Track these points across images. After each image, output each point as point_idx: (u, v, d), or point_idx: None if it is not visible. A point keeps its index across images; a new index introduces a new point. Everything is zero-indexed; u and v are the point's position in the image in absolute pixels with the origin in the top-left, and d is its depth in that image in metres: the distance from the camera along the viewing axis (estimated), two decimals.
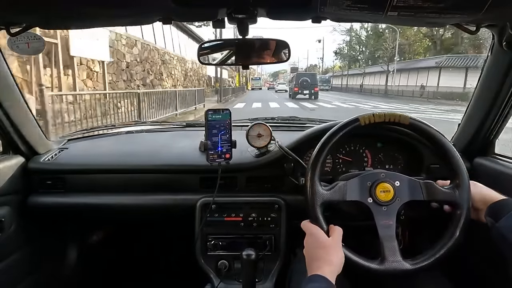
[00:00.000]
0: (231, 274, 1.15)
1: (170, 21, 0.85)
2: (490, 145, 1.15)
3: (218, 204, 1.14)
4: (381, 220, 0.82)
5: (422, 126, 0.88)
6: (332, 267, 0.72)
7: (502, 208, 0.75)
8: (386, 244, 0.81)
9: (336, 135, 0.87)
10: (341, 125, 0.88)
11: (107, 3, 0.73)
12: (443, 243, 0.81)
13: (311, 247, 0.78)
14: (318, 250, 0.76)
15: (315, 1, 0.72)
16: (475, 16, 0.75)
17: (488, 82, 1.05)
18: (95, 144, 1.43)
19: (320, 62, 55.34)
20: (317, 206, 0.82)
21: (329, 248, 0.76)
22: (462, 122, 1.20)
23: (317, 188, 0.84)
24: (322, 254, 0.75)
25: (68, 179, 1.21)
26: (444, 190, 0.84)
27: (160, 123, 1.76)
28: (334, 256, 0.74)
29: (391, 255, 0.80)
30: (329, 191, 0.84)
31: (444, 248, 0.80)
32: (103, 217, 1.36)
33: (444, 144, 0.86)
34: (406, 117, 0.87)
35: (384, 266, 0.79)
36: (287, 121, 1.65)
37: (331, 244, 0.77)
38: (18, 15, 0.82)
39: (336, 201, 0.85)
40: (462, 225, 0.80)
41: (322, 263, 0.72)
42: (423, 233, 1.19)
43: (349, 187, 0.85)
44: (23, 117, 1.14)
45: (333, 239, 0.78)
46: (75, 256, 1.51)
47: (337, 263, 0.74)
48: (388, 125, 0.88)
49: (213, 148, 1.07)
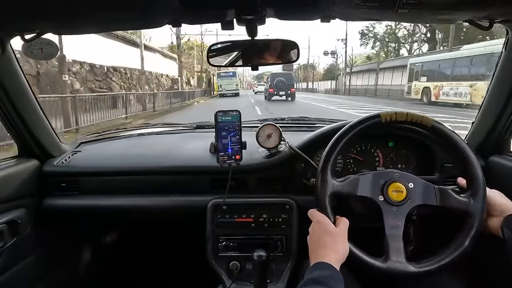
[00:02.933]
0: (242, 275, 1.15)
1: (179, 24, 0.86)
2: (506, 143, 1.12)
3: (229, 205, 1.14)
4: (390, 220, 0.81)
5: (444, 130, 0.85)
6: (337, 255, 0.71)
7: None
8: (391, 244, 0.79)
9: (355, 128, 0.86)
10: (361, 119, 0.87)
11: (116, 7, 0.74)
12: (449, 252, 0.79)
13: (318, 235, 0.77)
14: (324, 237, 0.75)
15: (324, 0, 0.71)
16: (488, 11, 0.73)
17: (503, 78, 1.03)
18: (108, 146, 1.46)
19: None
20: (326, 195, 0.82)
21: (336, 236, 0.75)
22: (476, 120, 1.18)
23: (328, 178, 0.83)
24: (329, 242, 0.74)
25: (82, 182, 1.23)
26: (459, 198, 0.82)
27: (171, 125, 1.77)
28: (340, 245, 0.74)
29: (395, 255, 0.78)
30: (341, 183, 0.84)
31: (450, 257, 0.78)
32: (116, 219, 1.38)
33: (465, 151, 0.83)
34: (429, 120, 0.85)
35: (386, 265, 0.78)
36: (296, 122, 1.64)
37: (338, 232, 0.76)
38: (31, 22, 0.83)
39: (346, 193, 0.84)
40: (472, 235, 0.78)
41: (328, 251, 0.72)
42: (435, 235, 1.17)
43: (361, 182, 0.84)
44: (37, 121, 1.17)
45: (340, 229, 0.77)
46: (88, 257, 1.53)
47: (343, 252, 0.73)
48: (409, 125, 0.87)
49: (223, 150, 1.08)
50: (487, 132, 1.13)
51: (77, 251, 1.49)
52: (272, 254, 1.11)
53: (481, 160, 1.12)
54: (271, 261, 1.12)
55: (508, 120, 1.06)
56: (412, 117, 0.85)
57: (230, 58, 0.96)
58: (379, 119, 0.86)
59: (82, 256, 1.51)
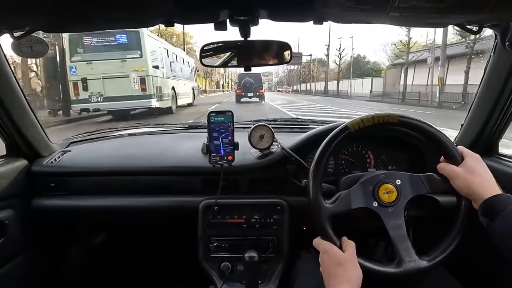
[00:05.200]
0: (234, 276, 1.15)
1: (172, 24, 0.86)
2: (494, 145, 1.14)
3: (220, 205, 1.14)
4: (390, 221, 0.82)
5: (411, 121, 0.86)
6: (351, 283, 0.71)
7: (497, 206, 0.70)
8: (400, 245, 0.80)
9: (328, 147, 0.86)
10: (331, 137, 0.87)
11: (108, 6, 0.73)
12: (455, 232, 0.80)
13: (328, 265, 0.76)
14: (335, 268, 0.74)
15: (317, 2, 0.72)
16: (477, 16, 0.74)
17: (491, 82, 1.05)
18: (98, 146, 1.44)
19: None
20: (325, 221, 0.81)
21: (346, 264, 0.74)
22: (466, 122, 1.20)
23: (321, 204, 0.83)
24: (340, 271, 0.73)
25: (71, 182, 1.21)
26: (442, 179, 0.83)
27: (163, 125, 1.76)
28: (353, 272, 0.73)
29: (407, 256, 0.79)
30: (333, 204, 0.84)
31: (457, 237, 0.80)
32: (106, 220, 1.36)
33: (435, 135, 0.85)
34: (395, 116, 0.86)
35: (403, 268, 0.78)
36: (289, 123, 1.65)
37: (347, 259, 0.75)
38: (21, 19, 0.82)
39: (342, 211, 0.84)
40: (469, 213, 0.80)
41: (341, 280, 0.71)
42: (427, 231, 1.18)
43: (353, 196, 0.84)
44: (26, 120, 1.15)
45: (348, 254, 0.76)
46: (78, 258, 1.51)
47: (356, 279, 0.73)
48: (377, 127, 0.87)
49: (216, 150, 1.07)
50: (476, 135, 1.15)
51: (66, 252, 1.47)
52: (263, 255, 1.11)
53: None
54: (263, 262, 1.12)
55: (496, 123, 1.08)
56: (378, 118, 0.86)
57: (223, 59, 0.96)
58: (349, 131, 0.86)
59: (71, 257, 1.48)
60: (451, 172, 0.80)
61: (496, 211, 0.69)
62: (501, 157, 1.12)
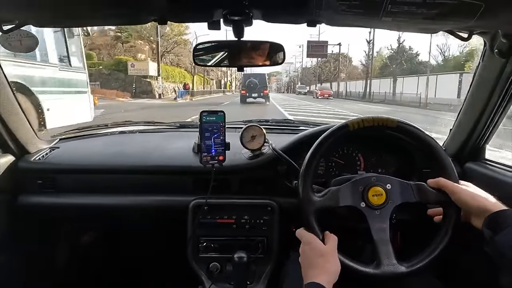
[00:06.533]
0: (222, 276, 1.15)
1: (165, 22, 0.85)
2: (481, 151, 1.17)
3: (210, 205, 1.13)
4: (375, 223, 0.83)
5: (409, 128, 0.88)
6: (329, 275, 0.72)
7: (503, 220, 0.71)
8: (381, 248, 0.81)
9: (325, 142, 0.87)
10: (330, 132, 0.88)
11: (100, 2, 0.72)
12: (436, 243, 0.81)
13: (308, 256, 0.77)
14: (315, 258, 0.76)
15: (310, 5, 0.72)
16: (467, 23, 0.76)
17: (479, 88, 1.07)
18: (87, 144, 1.42)
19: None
20: (310, 214, 0.82)
21: (326, 256, 0.76)
22: (454, 128, 1.22)
23: (309, 196, 0.84)
24: (320, 262, 0.75)
25: (59, 179, 1.19)
26: (434, 191, 0.84)
27: (153, 124, 1.75)
28: (332, 265, 0.75)
29: (387, 258, 0.80)
30: (322, 198, 0.84)
31: (438, 248, 0.80)
32: (94, 218, 1.35)
33: (431, 145, 0.87)
34: (394, 120, 0.87)
35: (380, 270, 0.79)
36: (280, 124, 1.65)
37: (328, 251, 0.77)
38: (10, 13, 0.81)
39: (329, 207, 0.85)
40: (454, 224, 0.81)
41: (320, 271, 0.72)
42: (414, 237, 1.20)
43: (342, 193, 0.85)
44: (13, 116, 1.12)
45: (329, 247, 0.78)
46: (65, 257, 1.49)
47: (334, 271, 0.74)
48: (377, 128, 0.88)
49: (207, 150, 1.07)
50: (463, 140, 1.17)
51: (53, 250, 1.45)
52: (252, 256, 1.11)
53: (458, 166, 1.15)
54: (252, 262, 1.12)
55: (484, 128, 1.10)
56: (379, 121, 0.87)
57: (215, 58, 0.96)
58: (347, 129, 0.87)
59: (58, 256, 1.46)
60: (455, 187, 0.81)
61: (502, 225, 0.71)
62: (488, 162, 1.15)
